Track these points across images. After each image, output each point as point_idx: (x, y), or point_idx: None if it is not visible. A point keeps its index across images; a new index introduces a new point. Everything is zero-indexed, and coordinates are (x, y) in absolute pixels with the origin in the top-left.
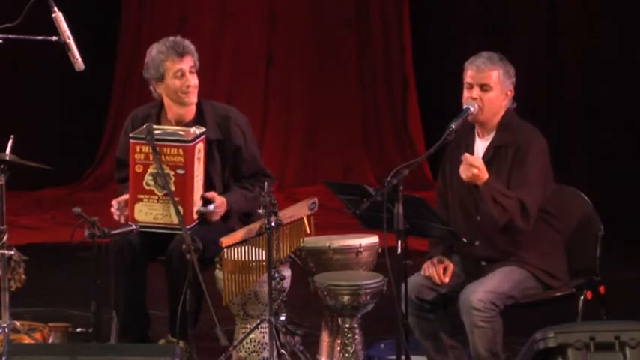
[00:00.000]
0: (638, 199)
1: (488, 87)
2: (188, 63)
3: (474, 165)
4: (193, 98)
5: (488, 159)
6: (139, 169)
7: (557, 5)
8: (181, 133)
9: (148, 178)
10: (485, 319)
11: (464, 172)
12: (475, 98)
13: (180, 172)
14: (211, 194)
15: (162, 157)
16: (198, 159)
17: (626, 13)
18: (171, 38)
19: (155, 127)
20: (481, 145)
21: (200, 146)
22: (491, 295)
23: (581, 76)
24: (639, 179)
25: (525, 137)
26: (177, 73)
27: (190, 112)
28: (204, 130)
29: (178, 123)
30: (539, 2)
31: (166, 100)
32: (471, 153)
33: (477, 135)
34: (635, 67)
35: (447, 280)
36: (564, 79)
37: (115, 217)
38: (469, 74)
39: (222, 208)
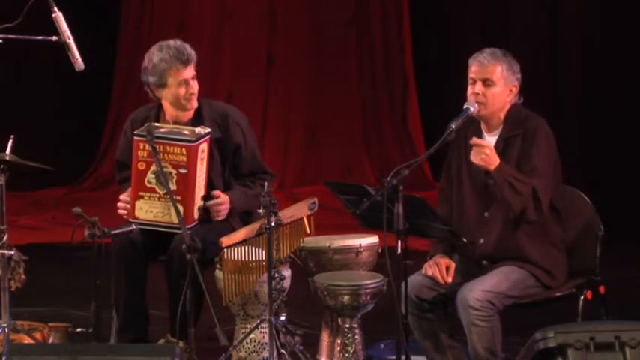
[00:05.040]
0: (638, 199)
1: (491, 82)
2: (191, 71)
3: (484, 147)
4: (195, 104)
5: (499, 152)
6: (141, 166)
7: (557, 5)
8: (186, 132)
9: (150, 175)
10: (483, 317)
11: (475, 157)
12: (478, 93)
13: (183, 171)
14: (217, 192)
15: (165, 155)
16: (202, 159)
17: (627, 13)
18: (172, 43)
19: (160, 125)
20: (490, 139)
21: (204, 147)
22: (488, 295)
23: (582, 76)
24: (639, 179)
25: (532, 125)
26: (182, 82)
27: (188, 112)
28: (209, 130)
29: (176, 123)
30: (539, 2)
31: (165, 102)
32: None
33: (483, 130)
34: (637, 66)
35: (449, 279)
36: (564, 79)
37: (121, 211)
38: (472, 69)
39: (226, 206)
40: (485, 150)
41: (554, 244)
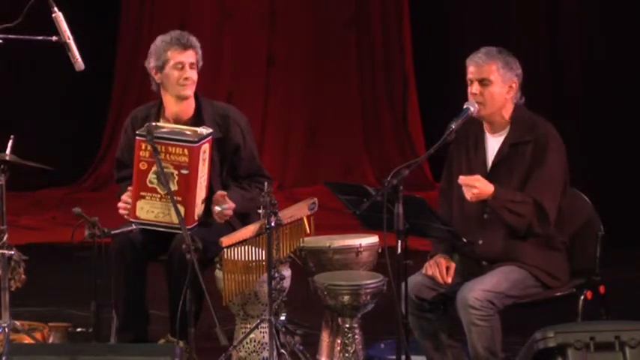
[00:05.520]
0: (638, 199)
1: (488, 81)
2: (190, 57)
3: (471, 185)
4: (189, 92)
5: (504, 156)
6: (143, 166)
7: (557, 5)
8: (188, 132)
9: (151, 175)
10: (483, 317)
11: (467, 195)
12: (476, 94)
13: (184, 171)
14: (221, 193)
15: (167, 155)
16: (203, 160)
17: (627, 13)
18: (178, 31)
19: (162, 125)
20: (493, 141)
21: (205, 147)
22: (488, 294)
23: (582, 76)
24: (639, 179)
25: (543, 133)
26: (178, 65)
27: (189, 110)
28: (211, 131)
29: (177, 121)
30: (539, 2)
31: (164, 96)
32: (482, 149)
33: (486, 131)
34: (637, 66)
35: (449, 280)
36: (564, 79)
37: (122, 211)
38: (469, 70)
39: (231, 211)
40: (473, 190)
41: (554, 244)
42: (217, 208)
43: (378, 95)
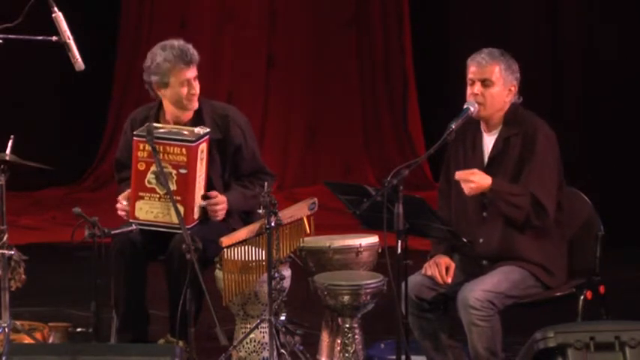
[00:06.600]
0: (638, 199)
1: (490, 82)
2: (193, 72)
3: (468, 180)
4: (195, 104)
5: (498, 152)
6: (141, 166)
7: (557, 5)
8: (185, 132)
9: (150, 176)
10: (483, 318)
11: (465, 189)
12: (477, 94)
13: (183, 171)
14: (214, 193)
15: (165, 155)
16: (201, 159)
17: (627, 13)
18: (176, 44)
19: (160, 125)
20: (489, 139)
21: (203, 146)
22: (489, 295)
23: (582, 76)
24: (639, 179)
25: (532, 125)
26: (184, 82)
27: (189, 112)
28: (208, 130)
29: (177, 122)
30: (539, 2)
31: (165, 102)
32: (479, 148)
33: (483, 130)
34: (637, 66)
35: (449, 280)
36: (564, 79)
37: (120, 212)
38: (471, 70)
39: (223, 206)
40: (470, 184)
41: (554, 243)
42: (202, 202)
43: (378, 95)
